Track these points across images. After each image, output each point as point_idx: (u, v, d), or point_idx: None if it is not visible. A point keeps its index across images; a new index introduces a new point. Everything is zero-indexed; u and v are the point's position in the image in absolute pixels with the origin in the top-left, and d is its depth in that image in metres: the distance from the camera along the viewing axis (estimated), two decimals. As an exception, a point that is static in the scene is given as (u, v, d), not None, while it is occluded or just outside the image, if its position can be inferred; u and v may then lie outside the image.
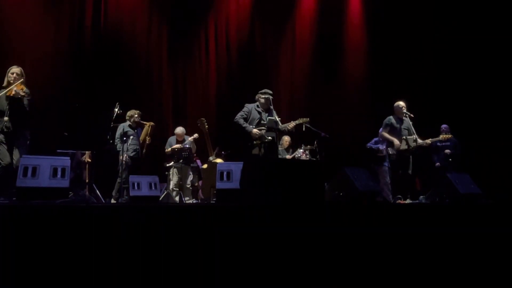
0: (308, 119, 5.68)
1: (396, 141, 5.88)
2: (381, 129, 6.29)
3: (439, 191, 5.49)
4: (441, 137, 6.18)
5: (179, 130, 7.00)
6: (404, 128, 6.01)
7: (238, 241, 2.94)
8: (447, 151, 7.06)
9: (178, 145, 6.84)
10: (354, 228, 3.30)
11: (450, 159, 7.03)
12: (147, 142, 6.55)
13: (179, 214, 3.04)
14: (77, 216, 2.76)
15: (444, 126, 6.95)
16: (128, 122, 6.44)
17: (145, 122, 6.59)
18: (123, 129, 6.33)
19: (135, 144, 6.36)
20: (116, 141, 6.28)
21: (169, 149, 6.90)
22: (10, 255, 2.52)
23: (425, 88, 8.55)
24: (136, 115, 6.48)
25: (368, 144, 7.38)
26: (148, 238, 2.80)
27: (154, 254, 2.77)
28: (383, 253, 3.26)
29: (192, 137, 6.94)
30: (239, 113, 5.47)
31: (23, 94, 4.53)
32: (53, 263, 2.58)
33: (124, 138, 6.08)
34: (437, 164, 7.21)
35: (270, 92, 5.52)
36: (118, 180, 6.11)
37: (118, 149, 6.14)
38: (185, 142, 6.86)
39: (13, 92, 4.51)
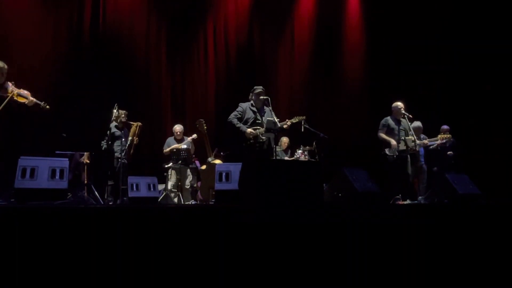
0: (304, 117, 5.59)
1: (393, 142, 5.86)
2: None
3: (437, 192, 5.48)
4: (439, 137, 6.16)
5: (178, 127, 6.98)
6: (402, 129, 6.00)
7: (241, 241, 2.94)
8: (450, 153, 6.99)
9: (176, 145, 6.81)
10: (354, 228, 3.30)
11: (453, 161, 6.96)
12: (134, 142, 6.29)
13: (178, 215, 3.04)
14: (76, 217, 2.76)
15: (444, 126, 6.91)
16: (114, 123, 6.20)
17: (132, 122, 6.35)
18: (110, 130, 6.10)
19: (123, 145, 6.15)
20: (103, 142, 6.10)
21: (168, 149, 6.88)
22: (9, 256, 2.52)
23: (424, 88, 8.56)
24: (123, 115, 6.22)
25: None
26: (147, 239, 2.79)
27: (154, 255, 2.77)
28: (382, 253, 3.26)
29: (191, 137, 6.92)
30: (233, 113, 5.35)
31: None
32: (51, 265, 2.57)
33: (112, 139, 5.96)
34: (434, 168, 7.13)
35: (261, 88, 5.38)
36: (109, 182, 6.05)
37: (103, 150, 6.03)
38: (184, 142, 6.85)
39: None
